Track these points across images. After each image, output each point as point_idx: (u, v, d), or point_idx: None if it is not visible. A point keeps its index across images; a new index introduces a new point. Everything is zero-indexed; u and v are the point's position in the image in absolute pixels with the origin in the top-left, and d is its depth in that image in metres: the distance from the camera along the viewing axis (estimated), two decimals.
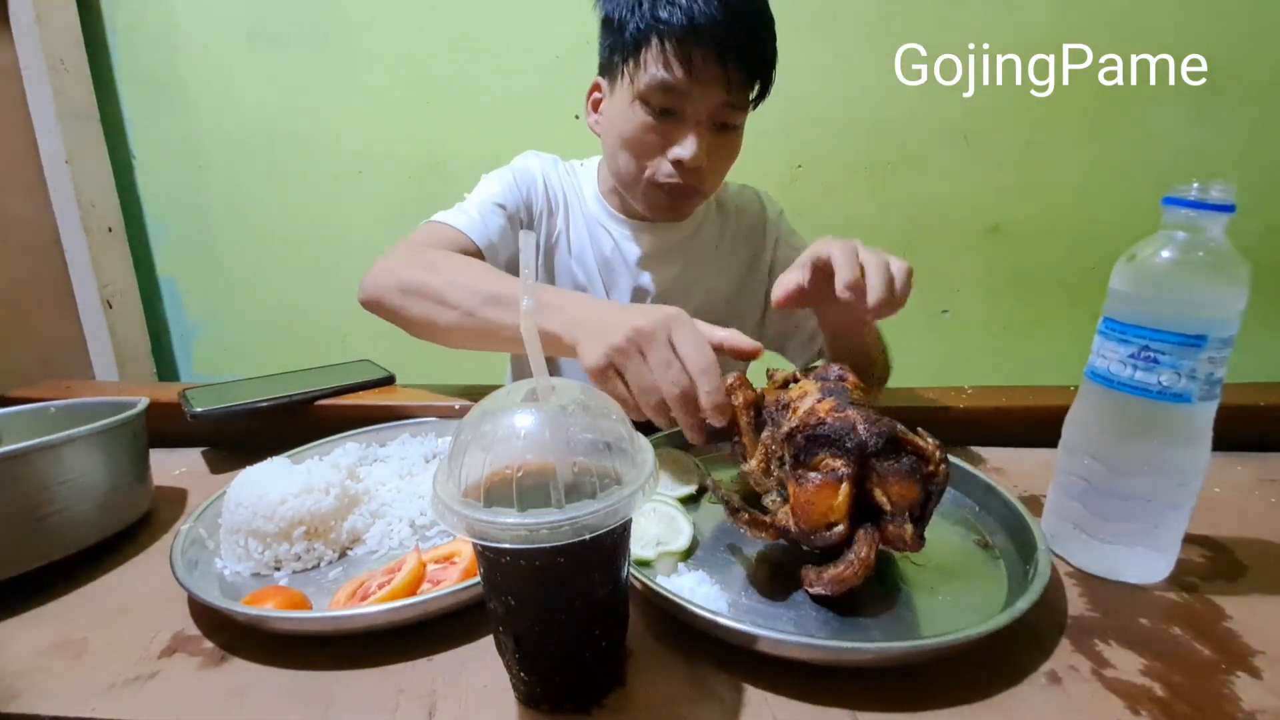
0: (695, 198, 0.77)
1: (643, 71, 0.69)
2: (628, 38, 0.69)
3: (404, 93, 1.40)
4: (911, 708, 0.34)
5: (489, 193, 0.81)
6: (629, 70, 0.71)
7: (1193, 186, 0.39)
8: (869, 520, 0.40)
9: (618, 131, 0.74)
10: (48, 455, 0.46)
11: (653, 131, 0.71)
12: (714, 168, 0.75)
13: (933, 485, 0.40)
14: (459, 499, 0.30)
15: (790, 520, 0.41)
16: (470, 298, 0.62)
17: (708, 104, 0.69)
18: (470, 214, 0.77)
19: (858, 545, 0.39)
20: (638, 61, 0.69)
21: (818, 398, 0.44)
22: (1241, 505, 0.54)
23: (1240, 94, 1.25)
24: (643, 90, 0.69)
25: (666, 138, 0.72)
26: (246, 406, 0.65)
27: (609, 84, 0.76)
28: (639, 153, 0.73)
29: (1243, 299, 0.39)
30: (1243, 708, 0.34)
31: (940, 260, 1.40)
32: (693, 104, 0.69)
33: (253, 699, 0.35)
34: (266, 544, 0.46)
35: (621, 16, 0.70)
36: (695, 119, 0.70)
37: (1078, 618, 0.41)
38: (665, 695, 0.35)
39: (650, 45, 0.68)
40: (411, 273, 0.67)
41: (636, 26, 0.68)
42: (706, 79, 0.68)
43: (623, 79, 0.72)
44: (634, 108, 0.71)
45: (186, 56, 1.42)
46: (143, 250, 1.55)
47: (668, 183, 0.73)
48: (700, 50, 0.66)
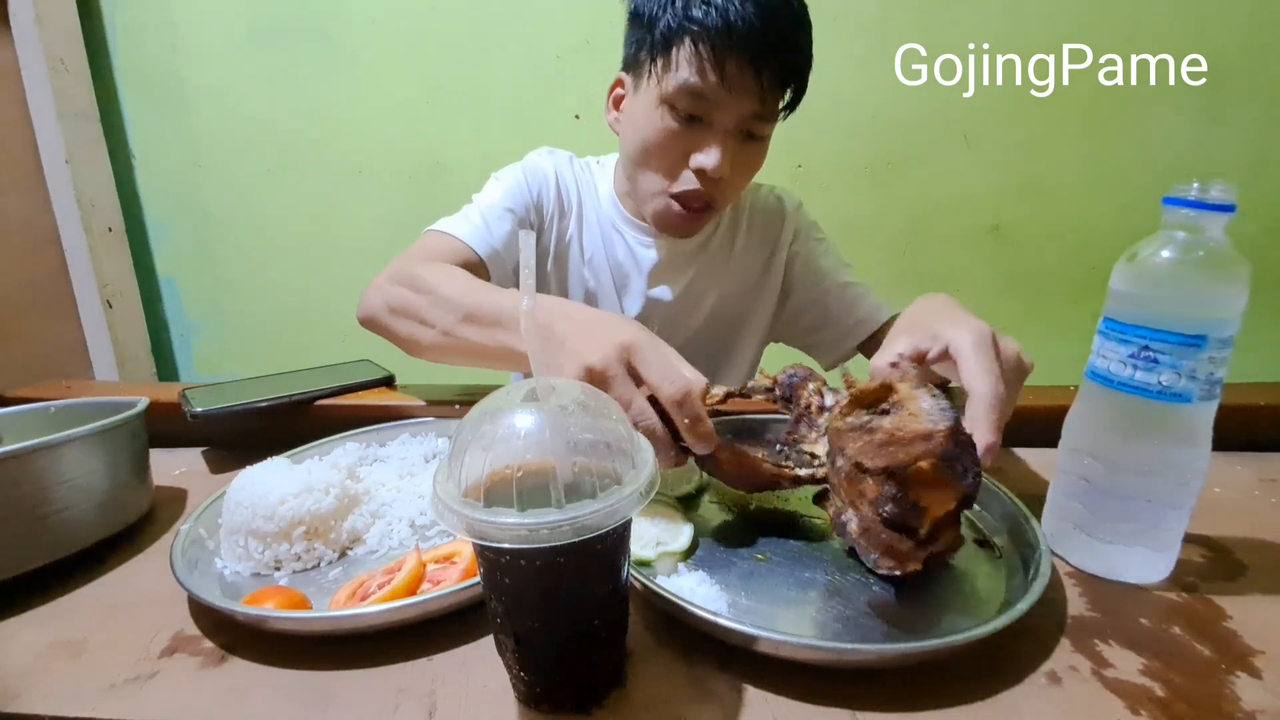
0: (706, 214, 0.74)
1: (672, 73, 0.66)
2: (658, 35, 0.66)
3: (404, 93, 1.40)
4: (911, 708, 0.34)
5: (496, 195, 0.79)
6: (656, 70, 0.67)
7: (1193, 186, 0.39)
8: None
9: (639, 134, 0.71)
10: (48, 455, 0.46)
11: (677, 138, 0.68)
12: (734, 181, 0.72)
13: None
14: (459, 499, 0.30)
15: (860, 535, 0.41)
16: (447, 315, 0.60)
17: (737, 113, 0.66)
18: (474, 221, 0.75)
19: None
20: (667, 62, 0.66)
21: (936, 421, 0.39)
22: (1241, 505, 0.54)
23: (1240, 94, 1.25)
24: (670, 93, 0.66)
25: (690, 145, 0.68)
26: (246, 406, 0.65)
27: (633, 82, 0.72)
28: (659, 158, 0.70)
29: (1243, 299, 0.39)
30: (1243, 708, 0.34)
31: (940, 260, 1.40)
32: (721, 112, 0.66)
33: (253, 699, 0.35)
34: (266, 544, 0.46)
35: (653, 12, 0.66)
36: (723, 127, 0.67)
37: (1078, 618, 0.41)
38: (665, 695, 0.35)
39: (682, 46, 0.64)
40: (398, 291, 0.65)
41: (668, 25, 0.65)
42: (739, 87, 0.64)
43: (649, 79, 0.68)
44: (659, 111, 0.68)
45: (186, 56, 1.42)
46: (143, 250, 1.55)
47: (684, 193, 0.70)
48: (735, 56, 0.63)
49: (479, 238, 0.74)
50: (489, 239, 0.74)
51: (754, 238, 0.87)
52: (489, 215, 0.76)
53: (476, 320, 0.58)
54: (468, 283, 0.63)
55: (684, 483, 0.55)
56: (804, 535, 0.49)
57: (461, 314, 0.59)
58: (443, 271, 0.66)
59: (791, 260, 0.88)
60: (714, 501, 0.54)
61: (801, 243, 0.88)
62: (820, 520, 0.50)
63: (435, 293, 0.62)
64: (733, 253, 0.86)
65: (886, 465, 0.38)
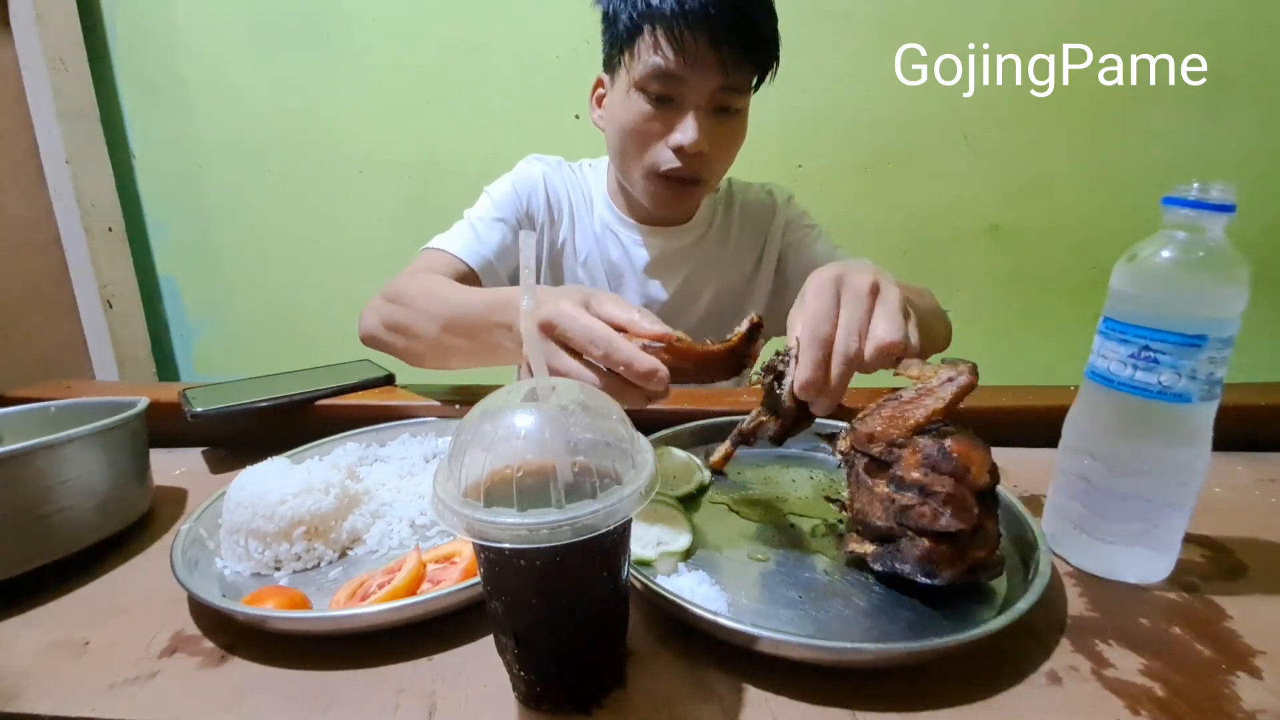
0: (698, 188, 0.77)
1: (637, 61, 0.69)
2: (621, 29, 0.70)
3: (404, 93, 1.40)
4: (911, 708, 0.34)
5: (487, 207, 0.82)
6: (625, 62, 0.71)
7: (1193, 186, 0.39)
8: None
9: (618, 123, 0.74)
10: (48, 455, 0.45)
11: (652, 120, 0.71)
12: (717, 155, 0.74)
13: None
14: (459, 499, 0.30)
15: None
16: (431, 326, 0.64)
17: (704, 88, 0.69)
18: (465, 235, 0.78)
19: None
20: (632, 52, 0.70)
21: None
22: (1241, 505, 0.54)
23: (1240, 94, 1.25)
24: (639, 79, 0.70)
25: (666, 125, 0.71)
26: (246, 406, 0.65)
27: (610, 78, 0.76)
28: (639, 142, 0.73)
29: (1243, 299, 0.39)
30: (1243, 708, 0.34)
31: (940, 260, 1.40)
32: (689, 89, 0.69)
33: (253, 699, 0.35)
34: (266, 544, 0.46)
35: (615, 8, 0.71)
36: (694, 104, 0.70)
37: (1078, 618, 0.41)
38: (665, 695, 0.35)
39: (644, 33, 0.68)
40: (389, 309, 0.70)
41: (629, 16, 0.69)
42: (702, 64, 0.67)
43: (621, 71, 0.73)
44: (632, 97, 0.71)
45: (186, 56, 1.42)
46: (143, 250, 1.55)
47: (670, 172, 0.73)
48: (692, 34, 0.66)
49: (470, 250, 0.77)
50: (480, 249, 0.78)
51: (745, 233, 0.89)
52: (480, 227, 0.79)
53: (454, 327, 0.62)
54: (444, 290, 0.67)
55: (684, 483, 0.55)
56: (804, 536, 0.49)
57: (441, 323, 0.63)
58: (423, 283, 0.70)
59: (785, 252, 0.89)
60: (714, 501, 0.54)
61: (793, 233, 0.89)
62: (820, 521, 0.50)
63: (415, 305, 0.67)
64: (726, 248, 0.88)
65: (927, 414, 0.40)
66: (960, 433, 0.40)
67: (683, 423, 0.62)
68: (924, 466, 0.39)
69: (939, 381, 0.41)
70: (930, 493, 0.38)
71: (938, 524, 0.38)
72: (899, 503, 0.39)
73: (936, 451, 0.39)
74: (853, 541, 0.43)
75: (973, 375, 0.41)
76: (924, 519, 0.38)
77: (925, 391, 0.42)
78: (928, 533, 0.38)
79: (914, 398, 0.42)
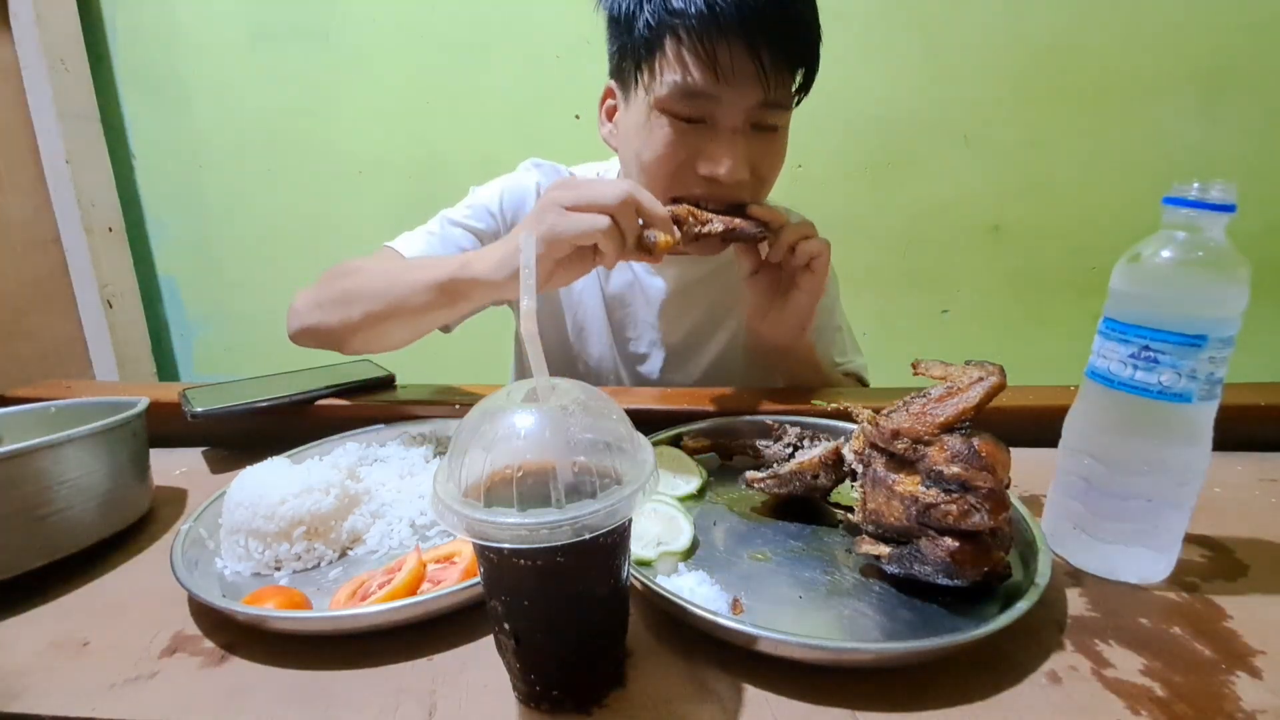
0: None
1: (659, 79, 0.57)
2: (638, 37, 0.58)
3: (404, 93, 1.40)
4: (911, 708, 0.34)
5: (464, 213, 0.75)
6: (644, 77, 0.59)
7: (1193, 186, 0.39)
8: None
9: (637, 151, 0.62)
10: (48, 455, 0.46)
11: (678, 147, 0.59)
12: (759, 177, 0.62)
13: None
14: (459, 499, 0.30)
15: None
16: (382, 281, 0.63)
17: (742, 107, 0.57)
18: (426, 240, 0.72)
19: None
20: (654, 65, 0.58)
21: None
22: (1241, 505, 0.54)
23: (1241, 93, 1.25)
24: (663, 99, 0.58)
25: (696, 149, 0.59)
26: (246, 406, 0.65)
27: (622, 93, 0.64)
28: (665, 173, 0.61)
29: (1243, 299, 0.39)
30: (1243, 708, 0.34)
31: (940, 260, 1.40)
32: (724, 109, 0.57)
33: (253, 699, 0.35)
34: (266, 544, 0.46)
35: (629, 11, 0.58)
36: (729, 125, 0.58)
37: (1078, 618, 0.41)
38: (665, 695, 0.35)
39: (666, 43, 0.56)
40: (320, 290, 0.69)
41: (647, 22, 0.56)
42: (739, 78, 0.56)
43: (637, 87, 0.60)
44: (654, 121, 0.59)
45: (186, 56, 1.42)
46: (143, 250, 1.55)
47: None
48: (727, 44, 0.54)
49: (426, 253, 0.72)
50: (438, 253, 0.72)
51: None
52: (446, 232, 0.74)
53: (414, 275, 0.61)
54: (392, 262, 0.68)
55: (684, 483, 0.55)
56: (804, 536, 0.49)
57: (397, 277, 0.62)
58: (358, 259, 0.69)
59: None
60: (715, 501, 0.54)
61: None
62: (819, 520, 0.50)
63: (366, 269, 0.66)
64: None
65: (956, 413, 0.40)
66: (984, 433, 0.40)
67: (683, 423, 0.62)
68: (958, 462, 0.39)
69: (968, 381, 0.42)
70: (971, 487, 0.38)
71: (967, 521, 0.38)
72: (922, 501, 0.39)
73: (966, 450, 0.39)
74: (865, 543, 0.43)
75: (1002, 376, 0.41)
76: (949, 517, 0.38)
77: (953, 390, 0.42)
78: (952, 531, 0.38)
79: (942, 396, 0.42)
